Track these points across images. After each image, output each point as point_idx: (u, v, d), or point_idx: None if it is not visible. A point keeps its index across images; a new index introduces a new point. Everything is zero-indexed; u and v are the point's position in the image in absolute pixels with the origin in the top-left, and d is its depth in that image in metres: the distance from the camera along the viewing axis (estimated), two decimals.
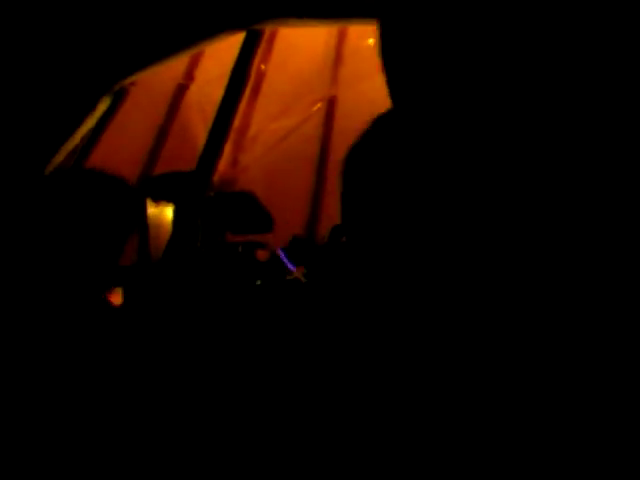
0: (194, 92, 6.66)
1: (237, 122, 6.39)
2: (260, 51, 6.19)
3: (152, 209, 4.14)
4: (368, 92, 7.44)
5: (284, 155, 7.07)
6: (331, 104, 7.49)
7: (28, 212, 2.11)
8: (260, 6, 4.72)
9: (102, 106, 4.86)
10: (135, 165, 6.53)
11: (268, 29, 5.12)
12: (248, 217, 5.32)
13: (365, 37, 6.89)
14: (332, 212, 7.30)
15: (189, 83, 6.64)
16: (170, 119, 6.76)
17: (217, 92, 6.67)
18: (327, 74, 7.30)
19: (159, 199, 4.26)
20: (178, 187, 4.36)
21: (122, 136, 6.16)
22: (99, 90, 4.73)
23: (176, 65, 5.98)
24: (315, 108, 7.19)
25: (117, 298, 3.44)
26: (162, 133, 6.75)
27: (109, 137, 5.93)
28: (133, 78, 4.96)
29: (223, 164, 6.41)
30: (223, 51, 5.72)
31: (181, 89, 6.70)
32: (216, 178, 6.09)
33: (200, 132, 6.79)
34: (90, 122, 4.93)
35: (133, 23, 4.59)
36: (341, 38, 7.27)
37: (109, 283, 2.49)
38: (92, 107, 4.81)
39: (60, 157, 5.02)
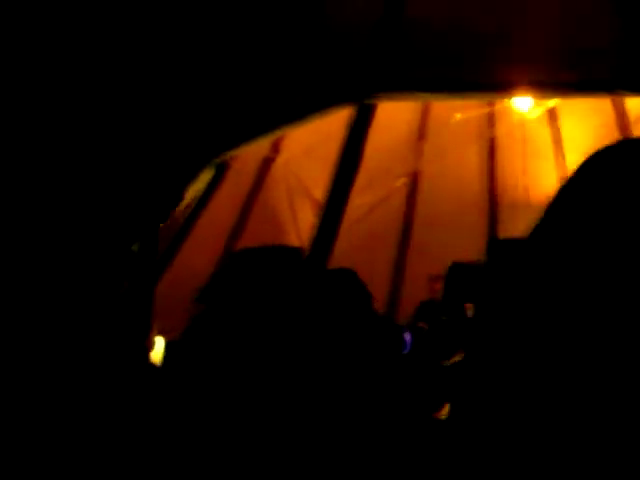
0: (280, 165, 6.60)
1: (321, 196, 6.31)
2: None
3: None
4: (452, 167, 7.43)
5: (368, 230, 6.98)
6: (415, 178, 7.41)
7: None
8: (375, 79, 4.65)
9: (204, 178, 4.78)
10: (221, 236, 6.48)
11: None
12: (347, 295, 5.17)
13: (450, 112, 6.84)
14: (414, 289, 7.18)
15: (275, 156, 6.58)
16: (255, 193, 6.70)
17: (303, 166, 6.62)
18: (411, 148, 7.25)
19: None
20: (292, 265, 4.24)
21: (209, 208, 6.12)
22: (200, 162, 4.66)
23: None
24: (399, 183, 7.12)
25: None
26: (247, 207, 6.68)
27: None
28: (237, 151, 4.90)
29: (306, 238, 6.32)
30: (309, 125, 5.65)
31: (267, 162, 6.64)
32: None
33: (284, 207, 6.72)
34: (191, 194, 4.86)
35: (240, 94, 4.54)
36: (425, 112, 7.23)
37: None
38: (192, 179, 4.74)
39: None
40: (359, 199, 6.60)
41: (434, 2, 5.03)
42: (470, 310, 5.05)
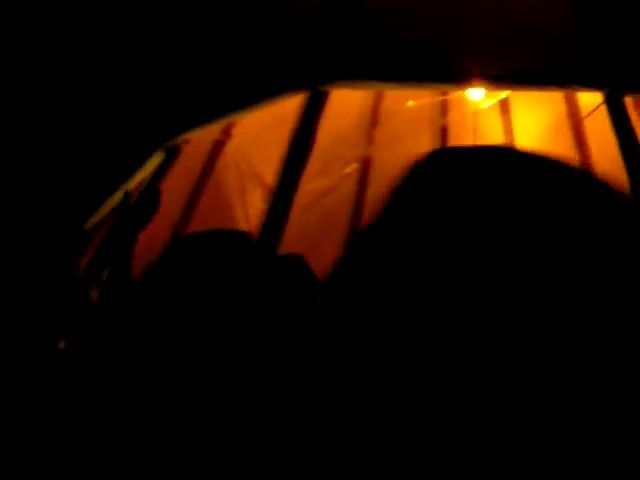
0: (231, 150, 6.52)
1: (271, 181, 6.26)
2: None
3: None
4: (403, 154, 7.39)
5: (318, 217, 6.95)
6: (366, 165, 7.39)
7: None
8: (328, 66, 4.62)
9: (154, 162, 4.72)
10: (169, 221, 6.39)
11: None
12: (294, 283, 5.14)
13: (403, 99, 6.82)
14: None
15: (226, 140, 6.50)
16: (205, 176, 6.62)
17: (255, 151, 6.56)
18: (363, 135, 7.22)
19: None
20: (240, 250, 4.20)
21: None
22: (151, 145, 4.61)
23: None
24: (350, 169, 7.09)
25: None
26: (196, 191, 6.61)
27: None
28: (188, 135, 4.84)
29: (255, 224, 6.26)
30: (262, 110, 5.59)
31: (217, 146, 6.56)
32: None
33: (235, 192, 6.66)
34: (139, 177, 4.79)
35: (194, 78, 4.48)
36: (377, 99, 7.20)
37: None
38: (142, 162, 4.68)
39: (105, 210, 4.89)
40: (310, 185, 6.56)
41: None
42: None
